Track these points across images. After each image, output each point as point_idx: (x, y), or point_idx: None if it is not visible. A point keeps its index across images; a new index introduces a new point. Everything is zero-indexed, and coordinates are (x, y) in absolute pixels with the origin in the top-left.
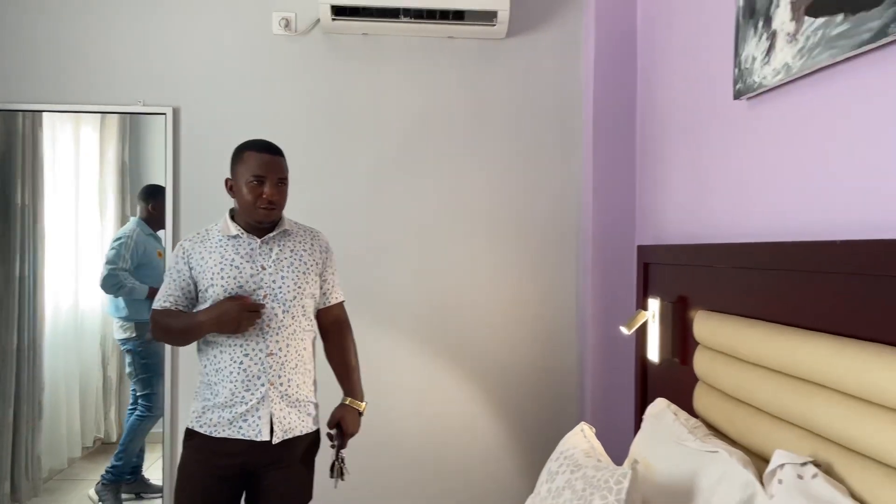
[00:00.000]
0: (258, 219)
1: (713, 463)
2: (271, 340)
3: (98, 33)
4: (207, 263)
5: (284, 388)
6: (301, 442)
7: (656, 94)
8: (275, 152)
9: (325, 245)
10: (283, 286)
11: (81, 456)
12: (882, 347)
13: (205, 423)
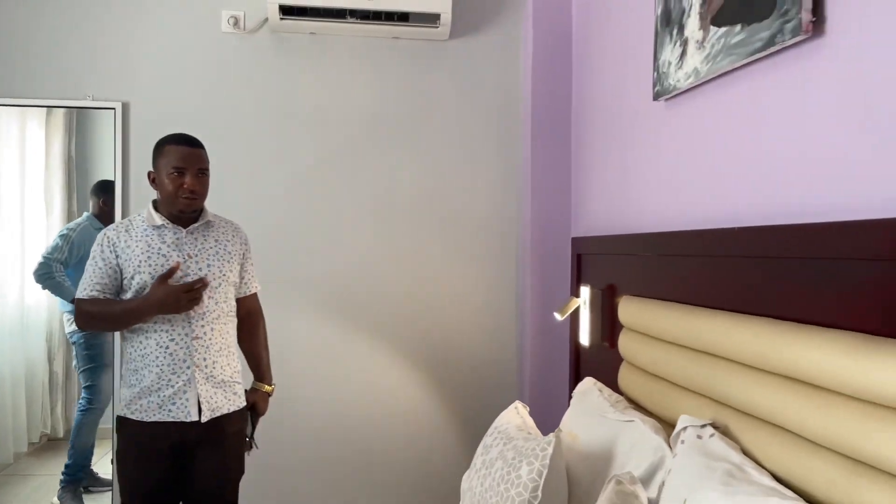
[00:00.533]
0: (180, 208)
1: (629, 431)
2: (196, 325)
3: (45, 26)
4: (134, 252)
5: (210, 371)
6: (230, 419)
7: (589, 95)
8: (194, 144)
9: (244, 237)
10: (209, 273)
11: (27, 451)
12: (773, 321)
13: (136, 410)
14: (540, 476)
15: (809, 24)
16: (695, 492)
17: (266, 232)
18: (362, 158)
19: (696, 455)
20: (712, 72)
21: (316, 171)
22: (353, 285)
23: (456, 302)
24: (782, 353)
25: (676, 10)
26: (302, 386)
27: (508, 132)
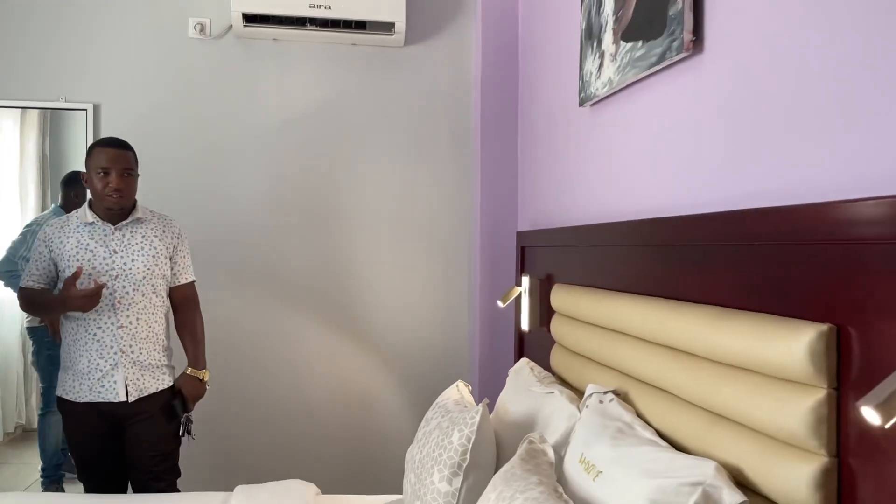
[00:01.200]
0: (108, 205)
1: (550, 402)
2: (122, 315)
3: (18, 29)
4: (65, 247)
5: (136, 356)
6: (158, 397)
7: (531, 99)
8: (121, 147)
9: (176, 231)
10: (134, 268)
11: (3, 441)
12: (658, 300)
13: (70, 391)
14: (468, 441)
15: (690, 43)
16: (590, 446)
17: (229, 229)
18: (323, 158)
19: (596, 416)
20: (622, 82)
21: (279, 170)
22: (314, 279)
23: (412, 292)
24: (664, 327)
25: (596, 25)
26: (265, 369)
27: (460, 133)
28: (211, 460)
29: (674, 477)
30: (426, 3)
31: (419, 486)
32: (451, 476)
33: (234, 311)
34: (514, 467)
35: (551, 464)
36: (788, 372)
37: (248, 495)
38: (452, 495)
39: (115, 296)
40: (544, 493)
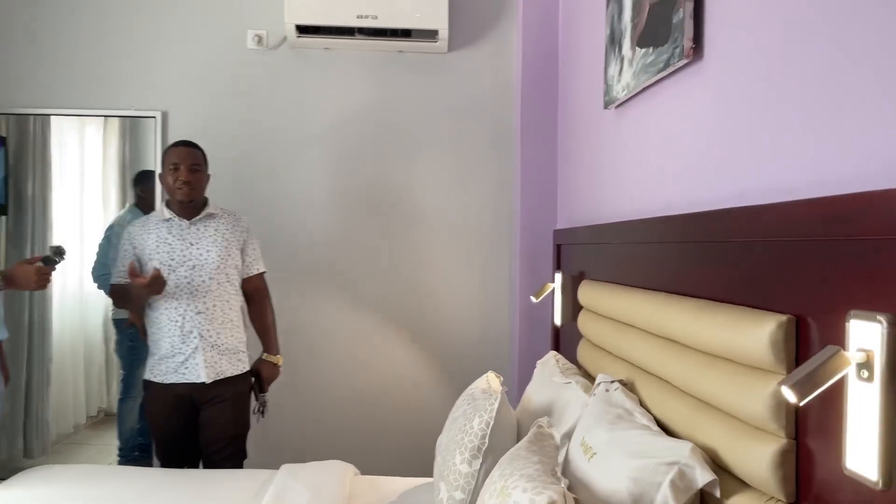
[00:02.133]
0: (178, 198)
1: (567, 391)
2: (199, 302)
3: (98, 46)
4: (147, 243)
5: (213, 340)
6: (233, 381)
7: (569, 102)
8: (189, 146)
9: (245, 226)
10: (208, 258)
11: (86, 424)
12: (657, 294)
13: (157, 374)
14: (487, 426)
15: (690, 50)
16: (590, 430)
17: (285, 227)
18: (372, 159)
19: (601, 404)
20: (637, 86)
21: (330, 171)
22: (363, 273)
23: (456, 288)
24: (661, 319)
25: (617, 31)
26: (316, 357)
27: (501, 135)
28: (265, 443)
29: (654, 457)
30: (468, 11)
31: (444, 468)
32: (471, 458)
33: (287, 302)
34: (520, 449)
35: (556, 447)
36: (754, 359)
37: (291, 473)
38: (472, 476)
39: (193, 284)
40: (539, 471)
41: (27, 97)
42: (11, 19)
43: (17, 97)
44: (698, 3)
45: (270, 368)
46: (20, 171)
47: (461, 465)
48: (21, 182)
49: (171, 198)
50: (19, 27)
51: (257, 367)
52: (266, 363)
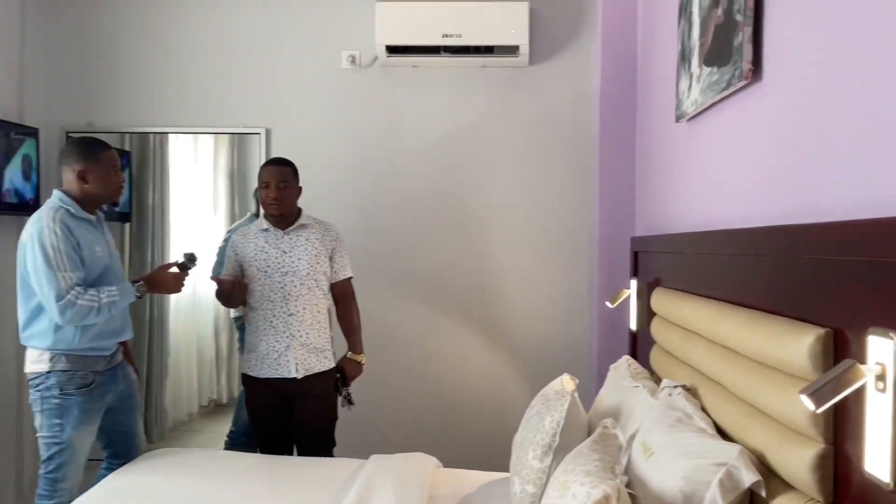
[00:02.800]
0: (270, 212)
1: (634, 394)
2: (292, 305)
3: (209, 70)
4: (247, 250)
5: (303, 339)
6: (321, 377)
7: (645, 114)
8: (278, 164)
9: (334, 235)
10: (300, 266)
11: (198, 412)
12: (719, 304)
13: (252, 368)
14: (558, 425)
15: (749, 72)
16: (650, 432)
17: (375, 234)
18: (457, 171)
19: (663, 407)
20: (704, 103)
21: (418, 182)
22: (448, 279)
23: (536, 293)
24: (719, 328)
25: (687, 48)
26: (402, 355)
27: (581, 145)
28: (357, 434)
29: (705, 458)
30: (549, 26)
31: (518, 463)
32: (542, 455)
33: (378, 304)
34: (584, 447)
35: (620, 447)
36: (796, 369)
37: (379, 462)
38: (543, 471)
39: (286, 289)
40: (598, 467)
41: (148, 117)
42: (134, 51)
43: (140, 117)
44: (757, 27)
45: (354, 366)
46: (142, 182)
47: (533, 461)
48: (143, 192)
49: (265, 211)
50: (141, 57)
51: (342, 364)
52: (350, 361)
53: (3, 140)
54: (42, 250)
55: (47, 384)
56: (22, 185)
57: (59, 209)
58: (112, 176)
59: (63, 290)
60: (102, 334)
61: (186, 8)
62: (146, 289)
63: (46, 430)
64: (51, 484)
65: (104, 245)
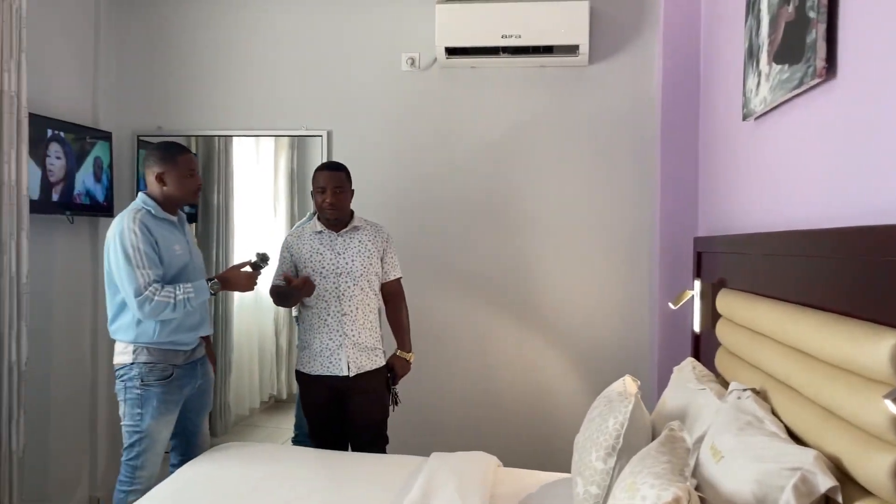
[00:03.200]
0: (326, 217)
1: (700, 397)
2: (345, 305)
3: (271, 74)
4: (302, 252)
5: (355, 339)
6: (373, 375)
7: (709, 112)
8: (333, 168)
9: (385, 236)
10: (353, 267)
11: (259, 408)
12: (790, 305)
13: (306, 366)
14: (622, 426)
15: (823, 70)
16: (720, 435)
17: (433, 234)
18: (515, 171)
19: (732, 410)
20: (773, 101)
21: (476, 181)
22: (506, 278)
23: (596, 294)
24: (791, 330)
25: (755, 46)
26: (459, 355)
27: (642, 144)
28: (411, 431)
29: (779, 462)
30: (609, 25)
31: (581, 464)
32: (605, 456)
33: (436, 304)
34: (651, 449)
35: (687, 449)
36: (874, 373)
37: (441, 460)
38: (607, 473)
39: (340, 289)
40: (667, 469)
41: (213, 120)
42: (201, 56)
43: (205, 121)
44: (831, 24)
45: (403, 364)
46: (207, 183)
47: (596, 462)
48: (208, 193)
49: (319, 214)
50: (207, 62)
51: (391, 362)
52: (399, 359)
53: (76, 144)
54: (123, 249)
55: (130, 375)
56: (93, 187)
57: (140, 210)
58: (188, 178)
59: (141, 287)
60: (181, 329)
61: (251, 14)
62: (220, 287)
63: (128, 419)
64: (131, 471)
65: (184, 244)
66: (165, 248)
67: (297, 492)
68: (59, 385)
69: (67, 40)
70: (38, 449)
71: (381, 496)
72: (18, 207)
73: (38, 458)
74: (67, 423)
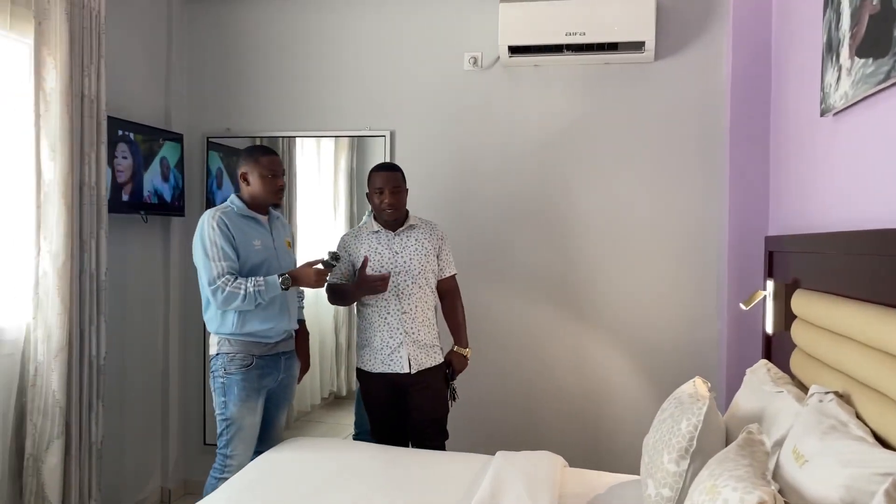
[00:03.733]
0: (385, 217)
1: (777, 400)
2: (404, 303)
3: (334, 75)
4: (359, 251)
5: (415, 336)
6: (433, 371)
7: (781, 107)
8: (390, 169)
9: (440, 234)
10: (412, 265)
11: (320, 404)
12: (880, 307)
13: (366, 364)
14: (696, 429)
15: None
16: (802, 438)
17: (493, 233)
18: (578, 169)
19: (814, 414)
20: (855, 96)
21: (537, 180)
22: (570, 280)
23: (661, 293)
24: (878, 332)
25: (835, 39)
26: (521, 355)
27: (709, 141)
28: (471, 429)
29: (869, 468)
30: (676, 20)
31: (651, 466)
32: (678, 458)
33: (498, 303)
34: (729, 452)
35: (767, 453)
36: None
37: (507, 459)
38: (680, 475)
39: (399, 288)
40: (749, 473)
41: (280, 122)
42: (267, 59)
43: (271, 123)
44: None
45: (461, 359)
46: None
47: (669, 465)
48: None
49: (377, 215)
50: (272, 65)
51: (449, 358)
52: (457, 354)
53: (144, 144)
54: (202, 243)
55: (216, 365)
56: (161, 187)
57: (224, 208)
58: (269, 179)
59: (215, 277)
60: (259, 321)
61: (316, 17)
62: (291, 282)
63: (217, 408)
64: (222, 459)
65: (268, 240)
66: (243, 244)
67: (369, 485)
68: (133, 379)
69: (142, 44)
70: (114, 441)
71: (450, 493)
72: (98, 207)
73: (114, 450)
74: (141, 416)
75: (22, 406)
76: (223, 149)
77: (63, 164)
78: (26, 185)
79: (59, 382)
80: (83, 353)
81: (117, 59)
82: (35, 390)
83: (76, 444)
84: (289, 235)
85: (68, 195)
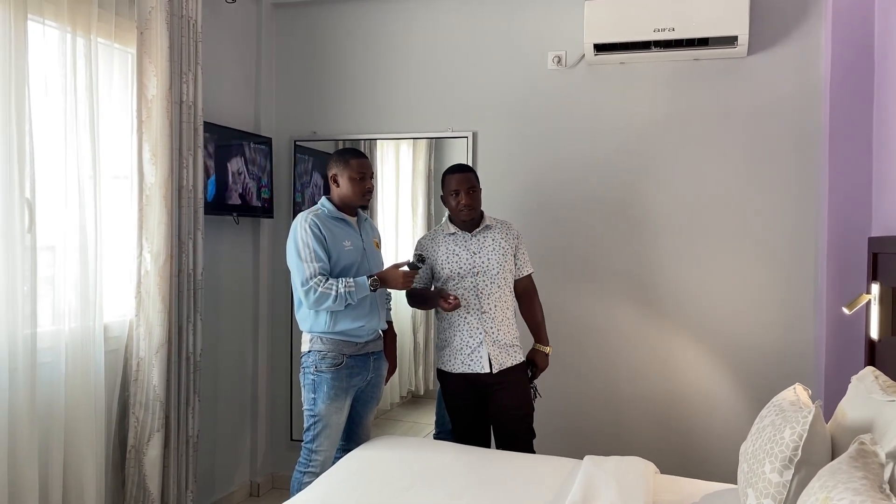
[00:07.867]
0: (462, 218)
1: (889, 409)
2: (484, 303)
3: (417, 77)
4: (437, 254)
5: (495, 336)
6: (515, 370)
7: (888, 101)
8: (463, 170)
9: (515, 233)
10: (490, 265)
11: (399, 403)
12: None
13: (447, 364)
14: (800, 438)
15: None
16: None
17: (577, 232)
18: (664, 167)
19: None
20: None
21: (622, 179)
22: (657, 282)
23: (754, 296)
24: None
25: None
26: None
27: (805, 137)
28: (556, 433)
29: None
30: (770, 12)
31: (751, 475)
32: (782, 468)
33: (584, 306)
34: (841, 463)
35: (881, 465)
36: None
37: (597, 464)
38: (784, 486)
39: (478, 289)
40: (865, 486)
41: (364, 125)
42: (351, 63)
43: (356, 125)
44: None
45: (543, 357)
46: None
47: (771, 475)
48: None
49: (454, 217)
50: (356, 68)
51: (531, 356)
52: (539, 352)
53: (236, 148)
54: (295, 244)
55: (307, 362)
56: (251, 189)
57: (315, 210)
58: (357, 181)
59: (307, 278)
60: (350, 320)
61: (398, 20)
62: (379, 284)
63: (306, 404)
64: (307, 454)
65: (357, 241)
66: (334, 245)
67: (458, 484)
68: (226, 375)
69: (233, 51)
70: (208, 435)
71: (540, 496)
72: (195, 209)
73: (208, 444)
74: (231, 411)
75: (125, 400)
76: (309, 152)
77: (163, 167)
78: (130, 188)
79: (160, 378)
80: (181, 349)
81: (211, 65)
82: (137, 385)
83: (175, 437)
84: (377, 236)
85: (168, 198)
